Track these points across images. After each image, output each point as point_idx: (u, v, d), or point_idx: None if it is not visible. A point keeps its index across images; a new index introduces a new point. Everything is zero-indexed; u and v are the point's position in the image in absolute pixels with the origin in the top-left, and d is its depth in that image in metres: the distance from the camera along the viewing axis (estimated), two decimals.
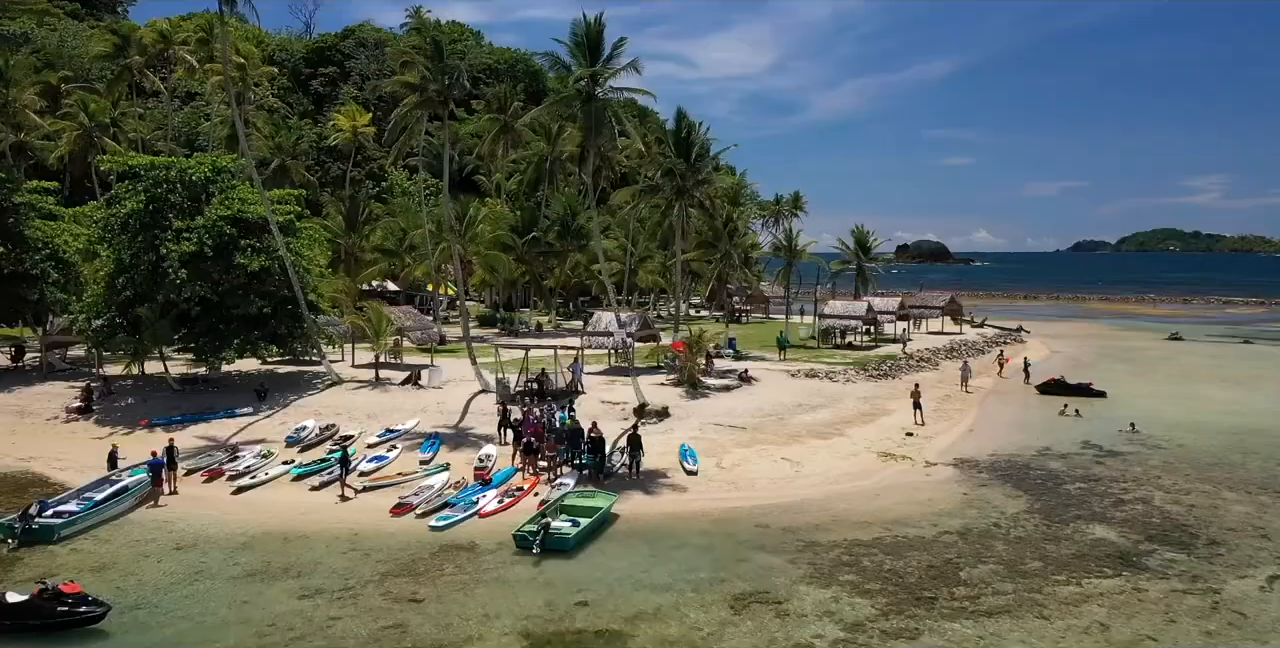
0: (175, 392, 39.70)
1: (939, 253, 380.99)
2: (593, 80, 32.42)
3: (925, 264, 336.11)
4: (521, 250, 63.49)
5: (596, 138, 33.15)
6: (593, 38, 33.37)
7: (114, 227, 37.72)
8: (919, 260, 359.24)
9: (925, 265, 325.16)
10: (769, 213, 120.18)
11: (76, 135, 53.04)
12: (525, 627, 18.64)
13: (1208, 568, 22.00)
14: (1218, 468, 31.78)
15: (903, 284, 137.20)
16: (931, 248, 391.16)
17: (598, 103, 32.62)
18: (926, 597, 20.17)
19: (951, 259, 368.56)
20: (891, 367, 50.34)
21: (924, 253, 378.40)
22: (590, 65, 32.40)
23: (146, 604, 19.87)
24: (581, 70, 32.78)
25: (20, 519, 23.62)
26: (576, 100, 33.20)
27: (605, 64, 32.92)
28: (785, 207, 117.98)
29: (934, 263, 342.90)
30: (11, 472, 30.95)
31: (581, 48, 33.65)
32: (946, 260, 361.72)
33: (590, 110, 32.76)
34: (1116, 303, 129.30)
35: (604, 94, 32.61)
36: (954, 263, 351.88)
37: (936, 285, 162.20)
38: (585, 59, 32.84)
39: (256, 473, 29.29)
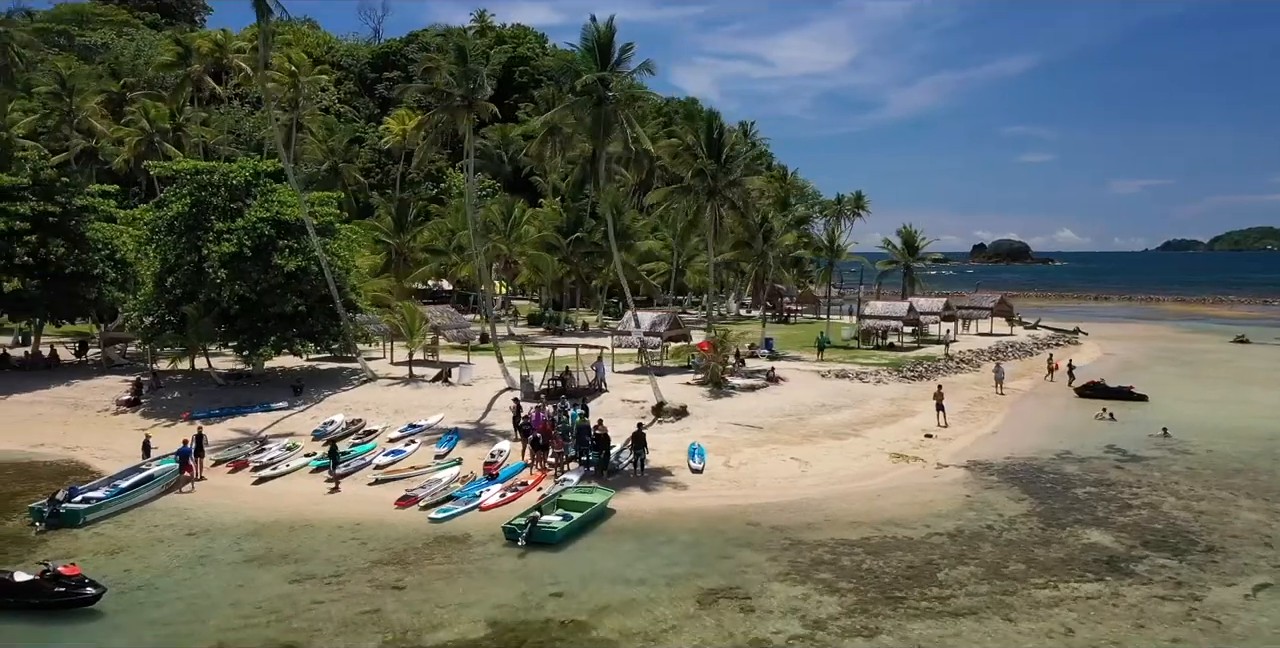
0: (219, 386, 41.48)
1: (1017, 253, 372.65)
2: (602, 84, 32.97)
3: (1001, 264, 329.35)
4: (566, 250, 64.38)
5: (605, 140, 33.72)
6: (602, 42, 33.98)
7: (161, 228, 39.64)
8: (995, 260, 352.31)
9: (1000, 265, 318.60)
10: (829, 212, 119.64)
11: (138, 141, 55.77)
12: (495, 615, 19.31)
13: (1196, 575, 21.61)
14: (1241, 475, 30.94)
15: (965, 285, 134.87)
16: (1010, 248, 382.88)
17: (608, 106, 33.21)
18: (896, 597, 20.28)
19: (1029, 259, 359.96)
20: (928, 368, 49.82)
21: (1001, 253, 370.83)
22: (600, 69, 32.99)
23: (148, 586, 21.12)
24: (589, 74, 33.34)
25: (49, 504, 25.17)
26: (588, 103, 33.79)
27: (614, 68, 33.45)
28: (847, 206, 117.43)
29: (1011, 263, 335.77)
30: (57, 460, 32.91)
31: (591, 52, 34.28)
32: (1024, 260, 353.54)
33: (599, 113, 33.37)
34: (1192, 304, 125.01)
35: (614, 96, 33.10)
36: (1032, 263, 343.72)
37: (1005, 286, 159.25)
38: (595, 63, 33.43)
39: (278, 465, 30.59)
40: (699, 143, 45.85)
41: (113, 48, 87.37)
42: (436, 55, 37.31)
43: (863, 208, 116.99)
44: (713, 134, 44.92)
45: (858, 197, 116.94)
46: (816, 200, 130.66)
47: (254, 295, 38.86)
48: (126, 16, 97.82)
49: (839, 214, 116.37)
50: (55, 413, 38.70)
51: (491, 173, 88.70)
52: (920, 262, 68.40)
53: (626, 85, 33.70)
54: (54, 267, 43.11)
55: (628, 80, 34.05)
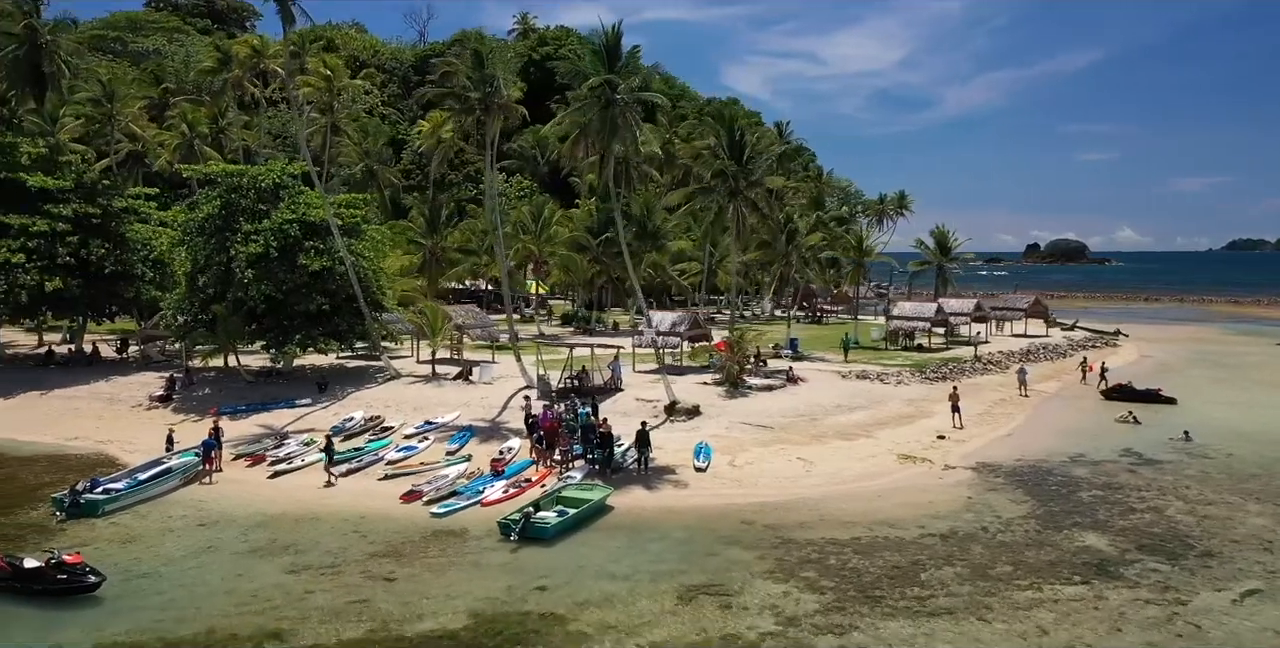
0: (248, 383, 42.68)
1: (1073, 253, 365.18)
2: (610, 86, 33.38)
3: (1054, 264, 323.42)
4: (596, 251, 64.91)
5: (613, 141, 34.11)
6: (610, 45, 34.38)
7: (192, 229, 40.92)
8: (1049, 260, 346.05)
9: (1053, 266, 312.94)
10: (871, 212, 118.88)
11: (177, 145, 57.53)
12: (477, 607, 19.84)
13: (1186, 579, 21.41)
14: (1257, 480, 30.41)
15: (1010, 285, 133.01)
16: (1066, 247, 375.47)
17: (616, 108, 33.61)
18: (875, 596, 20.41)
19: (1085, 259, 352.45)
20: (952, 369, 49.50)
21: (1055, 253, 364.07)
22: (609, 71, 33.39)
23: (153, 574, 22.01)
24: (596, 77, 33.75)
25: (69, 495, 26.27)
26: (595, 106, 34.21)
27: (622, 70, 33.83)
28: (889, 206, 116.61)
29: (1065, 263, 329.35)
30: (88, 453, 34.20)
31: (598, 55, 34.69)
32: (1079, 260, 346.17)
33: (607, 116, 33.78)
34: (1245, 306, 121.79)
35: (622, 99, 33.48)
36: (1087, 263, 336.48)
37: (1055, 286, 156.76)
38: (603, 66, 33.84)
39: (294, 459, 31.47)
40: (720, 144, 46.06)
41: (164, 53, 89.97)
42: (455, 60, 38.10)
43: (906, 208, 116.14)
44: (733, 135, 45.07)
45: (901, 196, 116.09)
46: (859, 200, 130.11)
47: (280, 295, 39.94)
48: (178, 23, 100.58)
49: (881, 214, 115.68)
50: (91, 408, 40.16)
51: (528, 173, 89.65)
52: (953, 262, 67.74)
53: (634, 88, 33.96)
54: (94, 267, 44.81)
55: (635, 82, 34.31)
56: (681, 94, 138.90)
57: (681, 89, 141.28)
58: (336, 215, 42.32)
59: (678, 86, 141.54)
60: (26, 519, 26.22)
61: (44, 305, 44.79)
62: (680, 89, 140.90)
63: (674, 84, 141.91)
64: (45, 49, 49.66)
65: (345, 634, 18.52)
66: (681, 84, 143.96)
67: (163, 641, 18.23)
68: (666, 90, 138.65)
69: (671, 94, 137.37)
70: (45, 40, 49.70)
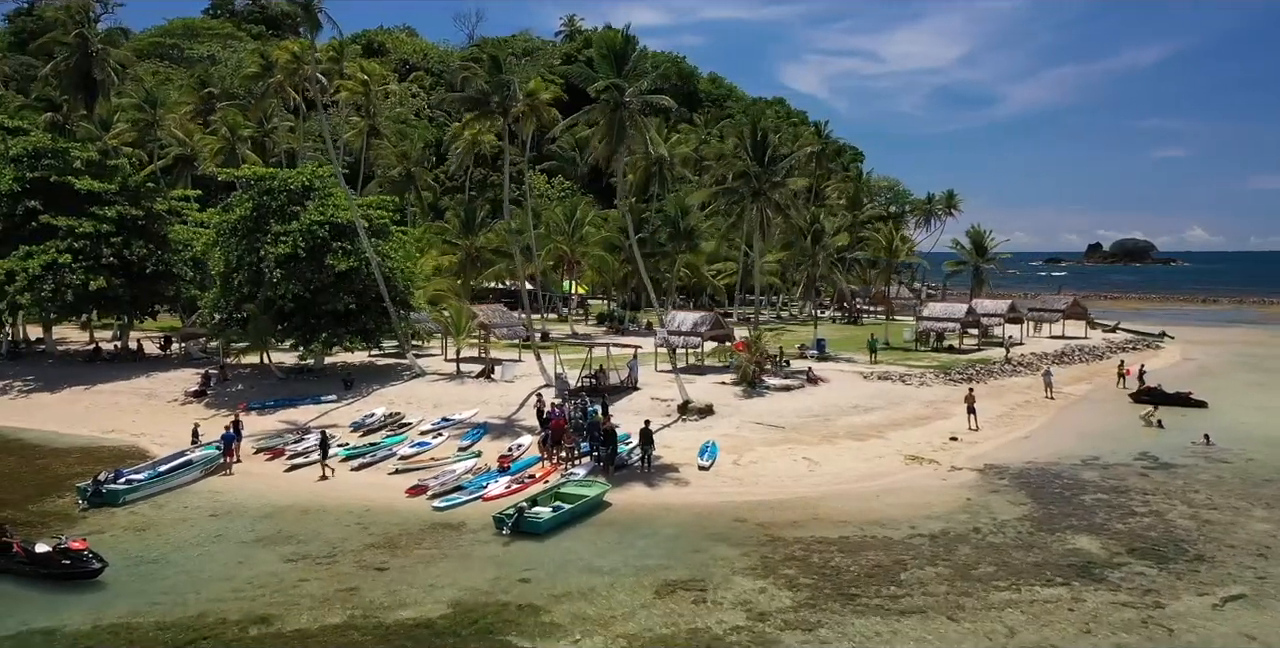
0: (279, 380, 44.02)
1: (1137, 253, 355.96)
2: (618, 90, 33.86)
3: (1116, 265, 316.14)
4: (629, 251, 65.32)
5: (619, 144, 34.60)
6: (618, 50, 34.85)
7: (225, 230, 42.33)
8: (1112, 261, 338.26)
9: (1115, 266, 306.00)
10: (919, 212, 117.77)
11: (219, 148, 59.43)
12: (459, 597, 20.48)
13: (1170, 583, 21.24)
14: (1271, 485, 29.83)
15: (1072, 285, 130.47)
16: (1131, 247, 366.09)
17: (624, 111, 34.09)
18: (850, 594, 20.61)
19: (1149, 259, 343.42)
20: (979, 371, 49.08)
21: (1119, 253, 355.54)
22: (617, 76, 33.88)
23: (161, 560, 23.08)
24: (602, 80, 34.24)
25: (93, 485, 27.54)
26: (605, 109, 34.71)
27: (629, 74, 34.27)
28: (937, 206, 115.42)
29: (1128, 263, 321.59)
30: (121, 445, 35.69)
31: (607, 59, 35.18)
32: (1143, 261, 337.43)
33: (615, 119, 34.26)
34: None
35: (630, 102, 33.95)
36: (1151, 264, 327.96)
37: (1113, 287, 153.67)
38: (612, 70, 34.32)
39: (311, 454, 32.46)
40: (743, 145, 46.28)
41: (218, 59, 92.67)
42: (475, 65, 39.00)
43: (954, 207, 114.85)
44: (756, 136, 45.28)
45: (949, 195, 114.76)
46: (906, 199, 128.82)
47: (308, 294, 41.15)
48: (232, 29, 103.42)
49: (929, 214, 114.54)
50: (130, 402, 41.81)
51: (566, 174, 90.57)
52: (989, 262, 66.96)
53: (642, 91, 34.41)
54: (136, 266, 46.59)
55: (644, 86, 34.75)
56: (729, 94, 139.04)
57: (729, 89, 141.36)
58: (364, 216, 43.45)
59: (724, 86, 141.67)
60: (52, 507, 27.56)
61: (89, 304, 46.58)
62: (727, 89, 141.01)
63: (721, 83, 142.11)
64: (96, 57, 51.59)
65: (328, 621, 19.28)
66: (729, 84, 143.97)
67: (157, 624, 19.15)
68: (713, 90, 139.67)
69: (719, 94, 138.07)
70: (96, 49, 51.63)
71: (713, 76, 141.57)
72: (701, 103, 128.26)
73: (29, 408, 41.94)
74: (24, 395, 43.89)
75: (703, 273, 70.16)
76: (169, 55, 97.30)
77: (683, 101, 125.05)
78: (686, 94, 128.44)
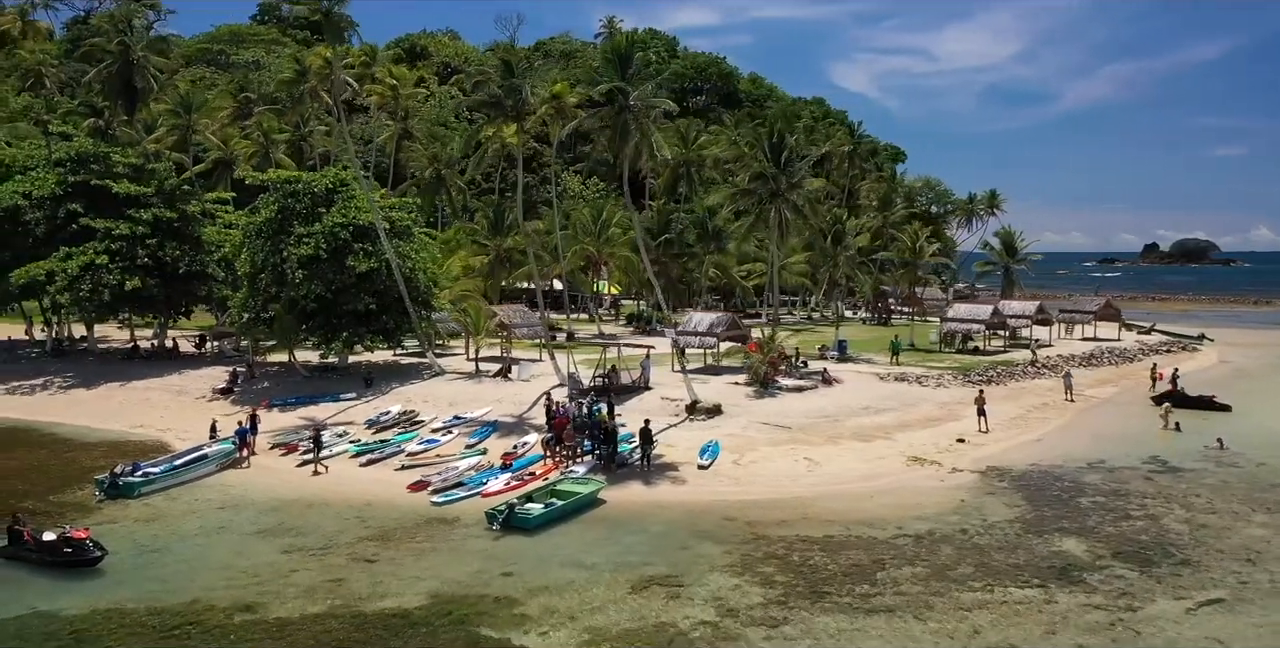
0: (304, 378, 45.21)
1: (1195, 253, 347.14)
2: (622, 93, 34.32)
3: (1173, 265, 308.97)
4: (656, 252, 65.80)
5: (623, 145, 35.08)
6: (622, 54, 35.29)
7: (252, 232, 43.59)
8: (1168, 261, 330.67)
9: (1171, 266, 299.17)
10: (961, 212, 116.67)
11: (253, 152, 61.06)
12: (440, 589, 21.12)
13: (1148, 587, 21.16)
14: (1274, 491, 29.39)
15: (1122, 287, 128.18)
16: (1190, 247, 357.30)
17: (627, 114, 34.52)
18: (823, 591, 20.86)
19: (1207, 260, 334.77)
20: (1000, 373, 48.73)
21: (1176, 253, 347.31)
22: (621, 79, 34.34)
23: (164, 549, 24.07)
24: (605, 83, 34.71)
25: (109, 477, 28.71)
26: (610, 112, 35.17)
27: (633, 78, 34.67)
28: (979, 206, 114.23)
29: (1185, 264, 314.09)
30: (146, 440, 36.99)
31: (611, 63, 35.64)
32: (1201, 261, 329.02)
33: (619, 122, 34.72)
34: None
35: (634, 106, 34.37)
36: (1210, 264, 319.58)
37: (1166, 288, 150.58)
38: (616, 73, 34.78)
39: (323, 449, 33.39)
40: (760, 146, 46.48)
41: (262, 65, 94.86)
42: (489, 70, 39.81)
43: (997, 207, 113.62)
44: (773, 138, 45.47)
45: (991, 195, 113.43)
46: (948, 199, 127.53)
47: (329, 294, 42.20)
48: (277, 35, 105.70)
49: (970, 214, 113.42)
50: (161, 398, 43.25)
51: (601, 176, 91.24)
52: (1020, 263, 66.23)
53: (646, 94, 34.84)
54: (170, 267, 48.12)
55: (648, 89, 35.17)
56: (769, 94, 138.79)
57: (769, 89, 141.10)
58: (386, 218, 44.48)
59: (765, 86, 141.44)
60: (71, 499, 28.76)
61: (125, 303, 48.21)
62: (767, 89, 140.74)
63: (761, 83, 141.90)
64: (137, 64, 53.27)
65: (310, 610, 20.01)
66: (769, 84, 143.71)
67: (149, 609, 20.03)
68: (753, 90, 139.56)
69: (759, 94, 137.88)
70: (137, 57, 53.30)
71: (753, 76, 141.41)
72: (741, 103, 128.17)
73: (66, 403, 43.58)
74: (63, 391, 45.59)
75: (732, 274, 70.30)
76: (216, 61, 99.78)
77: (722, 102, 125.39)
78: (726, 94, 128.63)
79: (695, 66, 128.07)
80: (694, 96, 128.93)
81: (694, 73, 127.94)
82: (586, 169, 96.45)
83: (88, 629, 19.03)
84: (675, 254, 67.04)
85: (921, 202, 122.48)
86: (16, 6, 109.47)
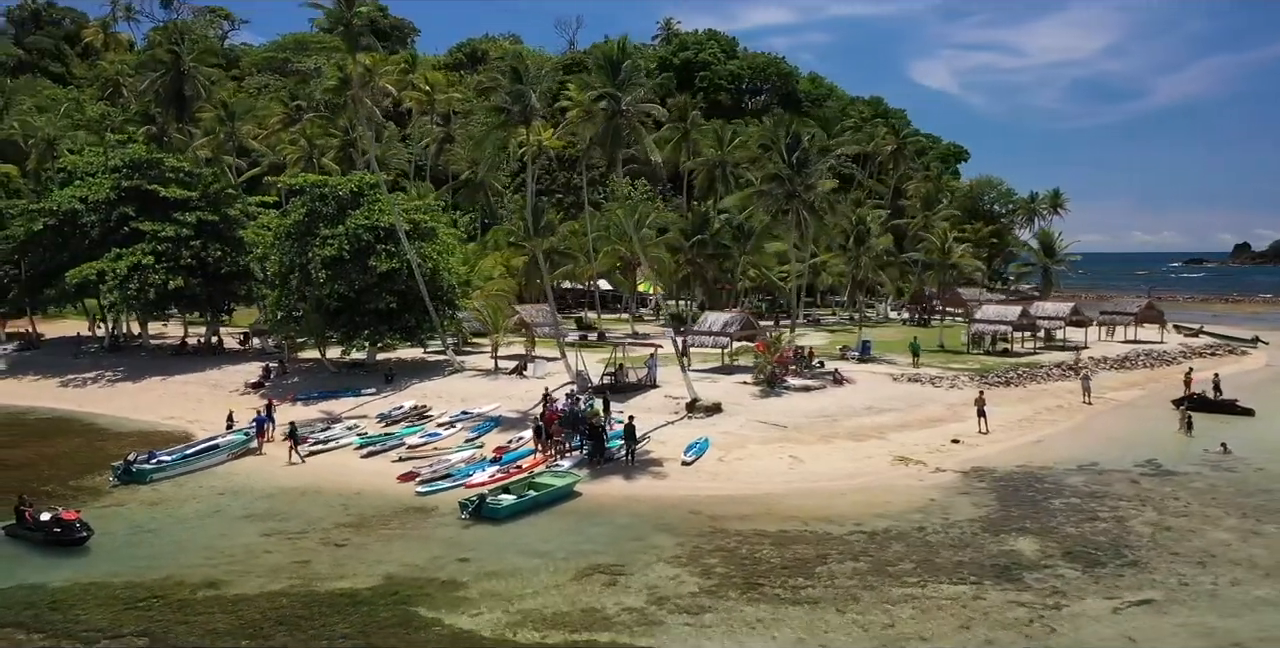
0: (332, 374, 47.18)
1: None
2: (614, 99, 35.16)
3: (1265, 265, 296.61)
4: (690, 252, 66.47)
5: (617, 148, 35.92)
6: (614, 60, 36.11)
7: (282, 234, 45.67)
8: (1259, 261, 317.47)
9: (1262, 267, 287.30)
10: (1022, 211, 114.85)
11: (298, 158, 63.64)
12: (395, 572, 22.34)
13: (1084, 586, 21.26)
14: (1263, 494, 28.89)
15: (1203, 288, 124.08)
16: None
17: (619, 119, 35.35)
18: (756, 583, 21.47)
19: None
20: (1022, 374, 48.26)
21: (1269, 253, 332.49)
22: (613, 85, 35.18)
23: (158, 530, 25.85)
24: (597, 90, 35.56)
25: (124, 464, 30.73)
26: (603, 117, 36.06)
27: (624, 84, 35.47)
28: (1041, 205, 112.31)
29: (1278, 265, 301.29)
30: (174, 430, 39.21)
31: (603, 69, 36.51)
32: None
33: (609, 127, 35.56)
34: None
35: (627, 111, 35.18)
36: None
37: (1244, 288, 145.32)
38: (609, 79, 35.64)
39: (330, 441, 35.11)
40: (777, 147, 46.89)
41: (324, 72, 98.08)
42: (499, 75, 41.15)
43: (1060, 207, 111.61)
44: (787, 139, 45.85)
45: (1055, 194, 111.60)
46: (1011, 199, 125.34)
47: (352, 293, 44.02)
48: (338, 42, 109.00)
49: (1032, 213, 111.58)
50: (197, 392, 45.64)
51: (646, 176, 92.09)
52: (1059, 264, 65.14)
53: (638, 99, 35.67)
54: (212, 267, 50.63)
55: (640, 94, 35.99)
56: (829, 93, 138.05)
57: (828, 88, 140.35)
58: (410, 220, 46.17)
59: (824, 86, 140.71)
60: (89, 484, 30.87)
61: (169, 302, 50.89)
62: (827, 88, 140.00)
63: (820, 83, 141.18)
64: (187, 74, 56.03)
65: (269, 587, 21.42)
66: (829, 83, 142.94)
67: (126, 583, 21.69)
68: (812, 89, 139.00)
69: (818, 93, 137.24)
70: (188, 66, 56.06)
71: (813, 76, 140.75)
72: (800, 103, 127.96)
73: (111, 395, 46.32)
74: (110, 384, 48.41)
75: (770, 274, 70.47)
76: (281, 69, 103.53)
77: (781, 102, 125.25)
78: (785, 94, 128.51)
79: (753, 67, 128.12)
80: (753, 97, 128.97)
81: (751, 73, 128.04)
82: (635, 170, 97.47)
83: (64, 600, 20.73)
84: (710, 255, 67.46)
85: (985, 201, 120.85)
86: (99, 19, 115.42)
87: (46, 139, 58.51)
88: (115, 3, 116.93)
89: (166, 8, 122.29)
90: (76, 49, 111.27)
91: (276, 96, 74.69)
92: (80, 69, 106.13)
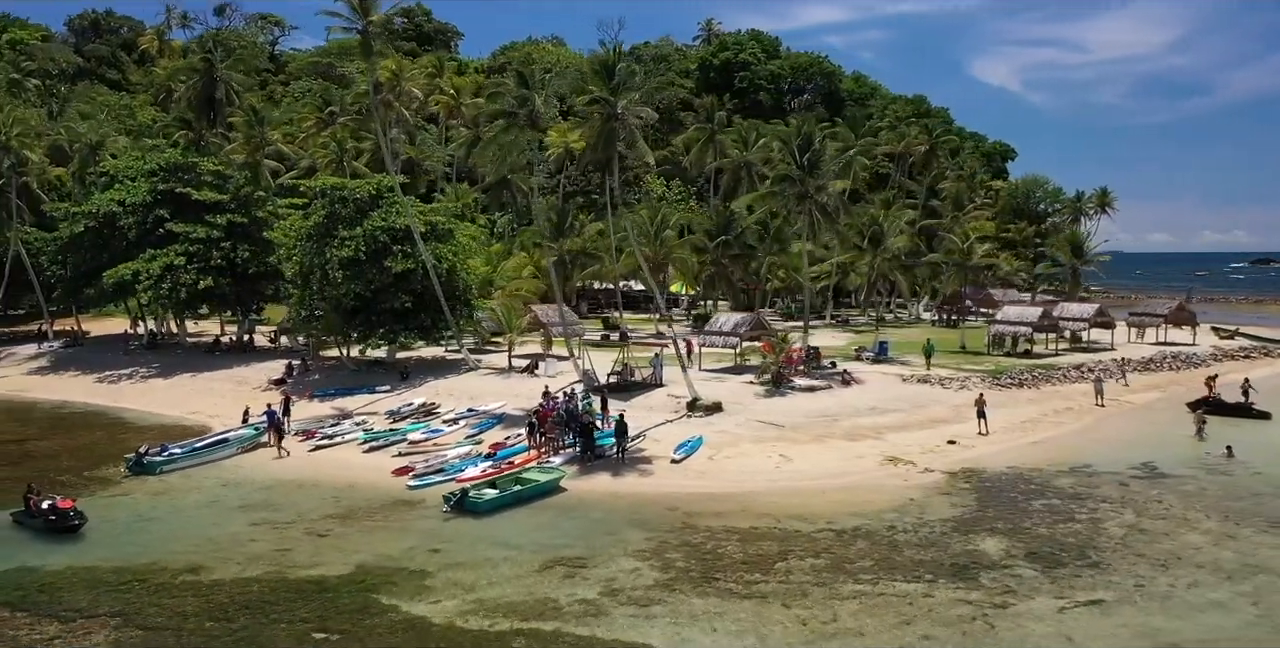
0: (352, 371, 48.52)
1: None
2: (608, 103, 35.75)
3: None
4: (715, 253, 66.87)
5: (608, 151, 36.52)
6: (609, 65, 36.68)
7: (302, 235, 47.10)
8: None
9: None
10: (1068, 211, 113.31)
11: (328, 161, 65.34)
12: (367, 561, 23.21)
13: (1037, 586, 21.37)
14: (1251, 499, 28.58)
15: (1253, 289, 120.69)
16: None
17: (613, 122, 35.92)
18: (712, 578, 21.95)
19: None
20: (1037, 376, 47.85)
21: None
22: (607, 89, 35.78)
23: (156, 519, 27.10)
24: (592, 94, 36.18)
25: (136, 456, 32.15)
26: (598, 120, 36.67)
27: (618, 88, 36.01)
28: (1088, 204, 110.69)
29: None
30: (193, 425, 40.72)
31: (599, 74, 37.11)
32: None
33: (604, 130, 36.15)
34: None
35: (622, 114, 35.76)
36: None
37: None
38: (605, 83, 36.24)
39: (337, 437, 36.26)
40: (788, 148, 47.09)
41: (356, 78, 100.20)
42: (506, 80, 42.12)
43: (1108, 206, 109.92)
44: (799, 140, 46.04)
45: (1103, 192, 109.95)
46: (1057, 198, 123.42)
47: (369, 293, 45.26)
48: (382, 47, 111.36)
49: (1078, 212, 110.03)
50: (222, 387, 47.28)
51: (683, 178, 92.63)
52: (1088, 265, 64.21)
53: (632, 102, 36.24)
54: (241, 267, 52.35)
55: (634, 98, 36.55)
56: (872, 92, 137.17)
57: (872, 87, 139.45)
58: (427, 222, 47.32)
59: (868, 85, 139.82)
60: (102, 474, 32.36)
61: (200, 301, 52.73)
62: (871, 87, 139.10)
63: (864, 82, 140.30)
64: (220, 81, 57.91)
65: (245, 574, 22.44)
66: (873, 82, 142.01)
67: (115, 568, 22.87)
68: (856, 89, 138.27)
69: (862, 93, 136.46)
70: (220, 73, 57.94)
71: (856, 75, 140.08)
72: (844, 102, 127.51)
73: (142, 391, 48.20)
74: (143, 380, 50.34)
75: (799, 275, 70.46)
76: (326, 73, 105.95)
77: (824, 101, 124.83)
78: (828, 93, 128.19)
79: (795, 67, 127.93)
80: (795, 97, 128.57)
81: (793, 73, 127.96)
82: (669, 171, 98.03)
83: (53, 583, 21.97)
84: (735, 255, 67.80)
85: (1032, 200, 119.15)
86: (155, 27, 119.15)
87: (89, 144, 60.85)
88: (170, 10, 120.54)
89: (220, 15, 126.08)
90: (133, 56, 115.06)
91: (311, 101, 76.58)
92: (136, 75, 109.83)
